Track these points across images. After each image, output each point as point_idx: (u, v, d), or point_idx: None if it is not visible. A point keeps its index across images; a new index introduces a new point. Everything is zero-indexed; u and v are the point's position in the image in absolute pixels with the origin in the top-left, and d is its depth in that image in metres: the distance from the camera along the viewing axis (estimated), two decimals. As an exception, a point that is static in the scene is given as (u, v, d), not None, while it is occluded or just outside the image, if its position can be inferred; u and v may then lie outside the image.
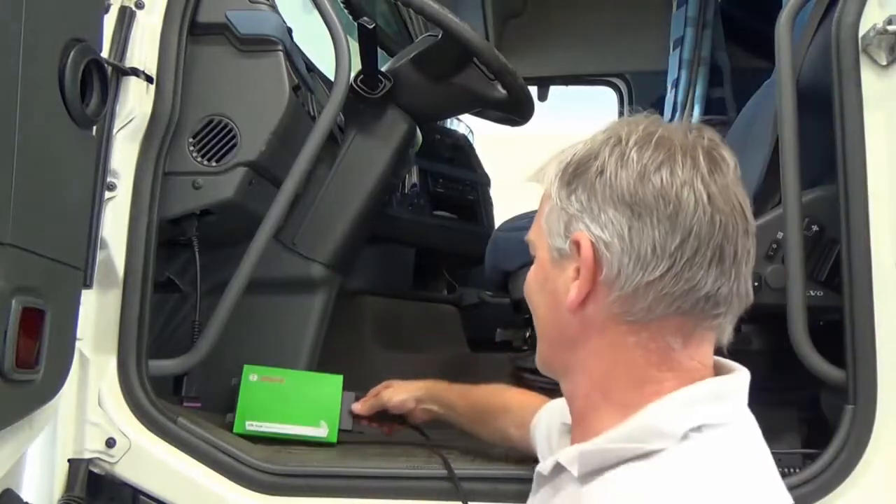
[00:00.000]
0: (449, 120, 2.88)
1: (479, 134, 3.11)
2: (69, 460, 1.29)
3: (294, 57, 1.66)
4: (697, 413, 0.76)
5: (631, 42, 3.28)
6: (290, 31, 1.67)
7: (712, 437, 0.75)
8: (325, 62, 1.82)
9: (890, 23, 1.25)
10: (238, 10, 1.53)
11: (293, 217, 1.71)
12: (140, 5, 1.36)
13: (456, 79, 1.84)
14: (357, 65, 1.70)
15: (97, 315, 1.32)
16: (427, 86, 1.84)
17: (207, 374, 1.52)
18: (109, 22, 1.31)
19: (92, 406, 1.32)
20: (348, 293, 1.97)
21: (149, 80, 1.36)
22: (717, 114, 2.85)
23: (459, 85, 1.85)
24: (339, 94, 1.46)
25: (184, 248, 1.61)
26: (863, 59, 1.29)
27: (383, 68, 1.83)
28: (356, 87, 1.75)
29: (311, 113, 1.72)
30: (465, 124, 3.05)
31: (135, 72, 1.33)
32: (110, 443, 1.31)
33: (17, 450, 1.11)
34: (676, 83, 2.94)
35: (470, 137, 2.88)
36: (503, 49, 2.48)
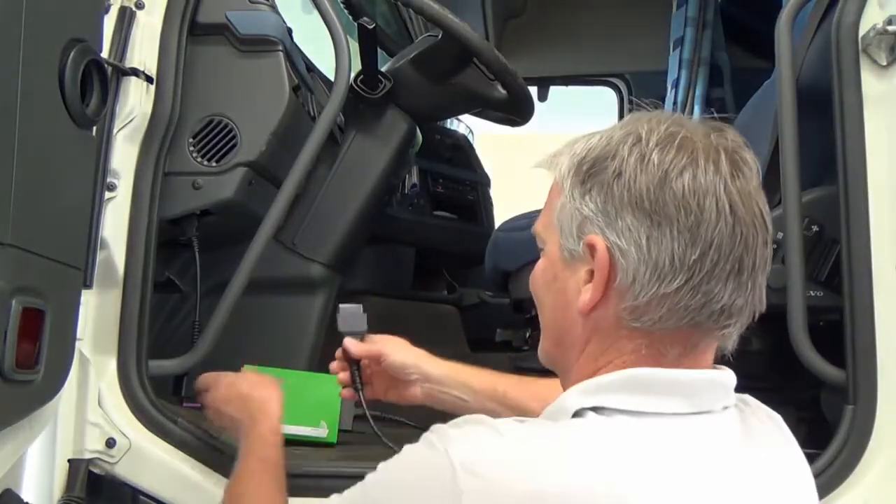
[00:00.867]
0: (449, 120, 2.88)
1: (479, 134, 3.11)
2: (69, 460, 1.29)
3: (294, 57, 1.66)
4: (598, 396, 0.75)
5: (631, 42, 3.28)
6: (290, 31, 1.67)
7: (592, 419, 0.74)
8: (325, 62, 1.82)
9: (890, 23, 1.25)
10: (238, 10, 1.53)
11: (293, 217, 1.71)
12: (140, 5, 1.36)
13: (456, 79, 1.84)
14: (357, 65, 1.70)
15: (97, 315, 1.32)
16: (427, 86, 1.84)
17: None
18: (109, 22, 1.31)
19: (92, 406, 1.32)
20: (348, 293, 1.97)
21: (149, 80, 1.36)
22: (717, 114, 2.85)
23: (459, 85, 1.85)
24: (339, 94, 1.46)
25: (184, 249, 1.60)
26: (863, 59, 1.29)
27: (383, 68, 1.83)
28: (356, 87, 1.75)
29: (311, 113, 1.72)
30: (465, 124, 3.05)
31: (135, 72, 1.33)
32: (110, 443, 1.31)
33: (17, 450, 1.11)
34: (676, 83, 2.94)
35: (470, 137, 2.88)
36: (503, 49, 2.49)
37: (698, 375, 0.77)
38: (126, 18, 1.34)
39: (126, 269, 1.34)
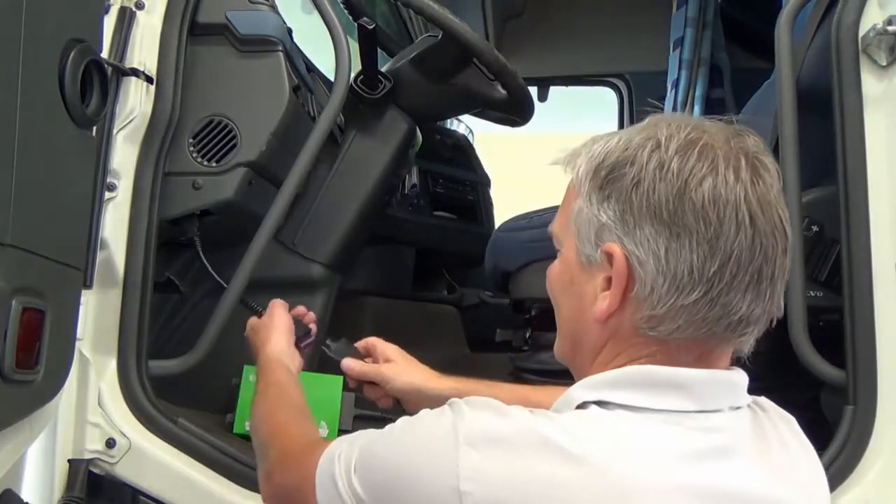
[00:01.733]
0: (449, 120, 2.88)
1: (479, 134, 3.11)
2: (69, 460, 1.30)
3: (294, 57, 1.66)
4: (602, 391, 0.76)
5: (631, 42, 3.28)
6: (290, 31, 1.67)
7: (595, 412, 0.75)
8: (325, 62, 1.82)
9: (890, 23, 1.25)
10: (238, 10, 1.53)
11: (293, 217, 1.71)
12: (140, 5, 1.36)
13: (456, 79, 1.84)
14: (357, 65, 1.70)
15: (97, 315, 1.33)
16: (427, 86, 1.84)
17: (207, 375, 1.52)
18: (109, 22, 1.31)
19: (92, 406, 1.32)
20: (348, 293, 1.97)
21: (149, 80, 1.36)
22: (718, 114, 2.85)
23: (459, 85, 1.85)
24: (339, 94, 1.46)
25: (184, 249, 1.60)
26: (863, 59, 1.29)
27: (383, 68, 1.83)
28: (356, 88, 1.75)
29: (311, 113, 1.72)
30: (465, 124, 3.05)
31: (135, 72, 1.33)
32: (110, 443, 1.32)
33: (17, 450, 1.11)
34: (676, 83, 2.94)
35: (470, 137, 2.88)
36: (503, 49, 2.48)
37: (706, 374, 0.77)
38: (126, 18, 1.34)
39: (126, 270, 1.34)
